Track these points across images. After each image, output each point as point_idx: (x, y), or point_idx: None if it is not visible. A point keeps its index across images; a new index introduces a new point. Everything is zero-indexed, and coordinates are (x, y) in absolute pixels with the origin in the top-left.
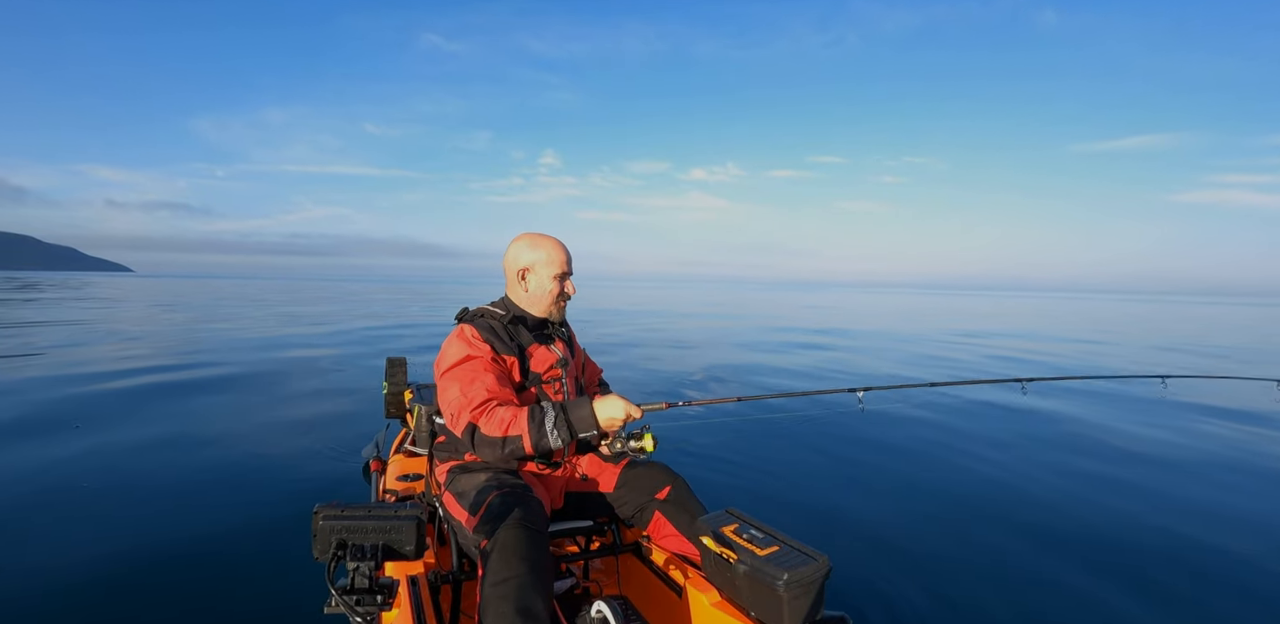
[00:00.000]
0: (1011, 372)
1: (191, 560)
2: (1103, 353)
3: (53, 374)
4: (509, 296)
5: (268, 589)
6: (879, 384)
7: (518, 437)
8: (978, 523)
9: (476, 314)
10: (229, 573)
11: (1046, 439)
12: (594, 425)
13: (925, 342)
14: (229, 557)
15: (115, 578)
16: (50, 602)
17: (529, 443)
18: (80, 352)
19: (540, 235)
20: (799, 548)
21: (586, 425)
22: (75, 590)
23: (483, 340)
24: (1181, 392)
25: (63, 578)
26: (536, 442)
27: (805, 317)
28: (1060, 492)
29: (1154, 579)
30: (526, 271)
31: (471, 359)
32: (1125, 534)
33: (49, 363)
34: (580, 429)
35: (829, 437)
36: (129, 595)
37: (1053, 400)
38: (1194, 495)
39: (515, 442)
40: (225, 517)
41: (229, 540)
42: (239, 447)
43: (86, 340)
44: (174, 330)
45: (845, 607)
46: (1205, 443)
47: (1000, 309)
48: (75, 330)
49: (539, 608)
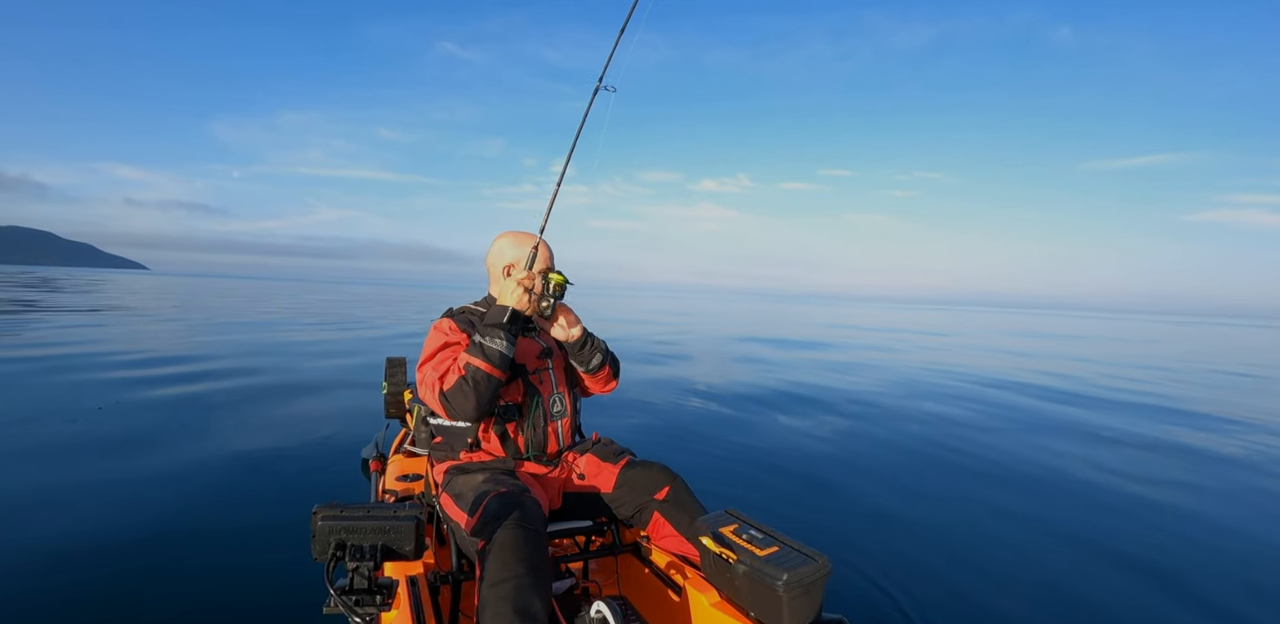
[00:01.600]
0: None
1: (190, 559)
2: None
3: (69, 364)
4: (492, 293)
5: (266, 589)
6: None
7: (467, 364)
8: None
9: (458, 311)
10: (227, 572)
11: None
12: (504, 308)
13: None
14: (227, 556)
15: (114, 577)
16: (50, 601)
17: (479, 361)
18: (94, 346)
19: (523, 233)
20: (799, 549)
21: (499, 313)
22: (75, 590)
23: (459, 330)
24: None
25: (63, 578)
26: (484, 355)
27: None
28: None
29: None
30: (511, 268)
31: (446, 345)
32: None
33: (60, 356)
34: (497, 318)
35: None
36: (127, 594)
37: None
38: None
39: (471, 369)
40: (224, 516)
41: (227, 540)
42: (239, 445)
43: (104, 337)
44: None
45: (844, 609)
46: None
47: (1075, 330)
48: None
49: (538, 608)
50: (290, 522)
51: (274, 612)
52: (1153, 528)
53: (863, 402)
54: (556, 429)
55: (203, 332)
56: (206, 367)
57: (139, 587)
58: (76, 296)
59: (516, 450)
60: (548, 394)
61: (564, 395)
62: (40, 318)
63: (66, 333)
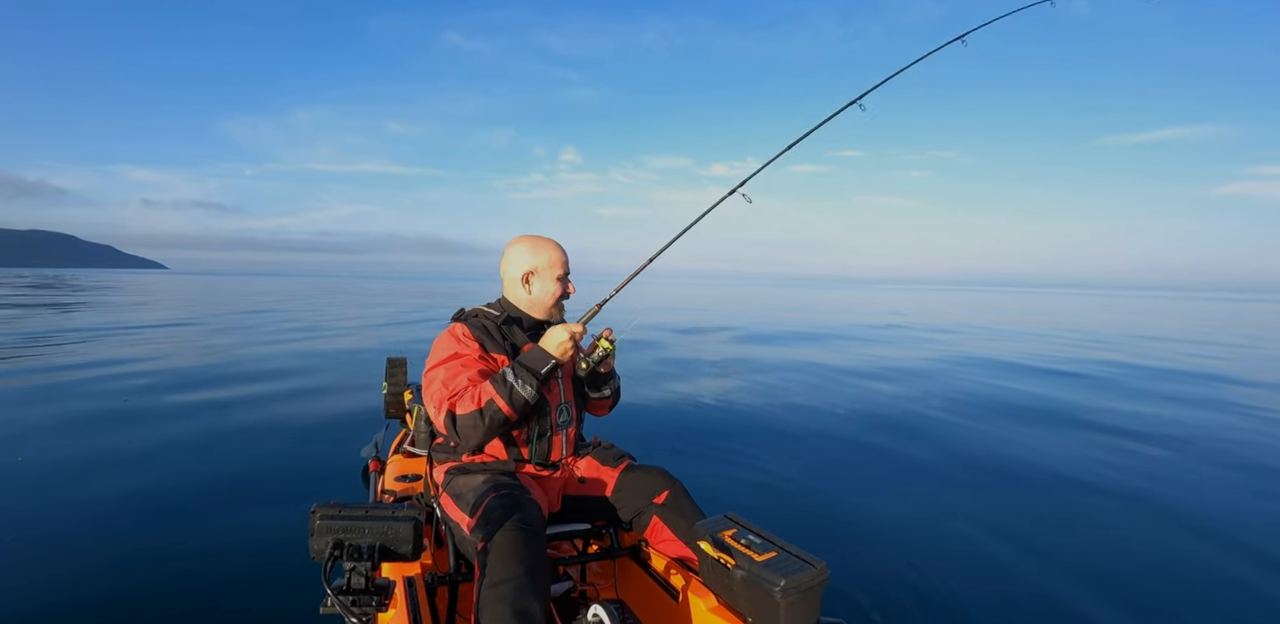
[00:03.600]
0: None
1: (187, 559)
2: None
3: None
4: (507, 298)
5: (262, 588)
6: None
7: (490, 400)
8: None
9: (471, 314)
10: (224, 571)
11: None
12: (549, 357)
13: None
14: (224, 555)
15: (112, 576)
16: (50, 601)
17: (503, 402)
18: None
19: (539, 238)
20: (797, 554)
21: (542, 361)
22: (73, 588)
23: (472, 338)
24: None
25: (62, 577)
26: (510, 397)
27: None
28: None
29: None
30: (531, 276)
31: (457, 356)
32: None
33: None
34: (538, 366)
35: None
36: (124, 593)
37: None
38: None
39: (491, 407)
40: (222, 515)
41: (226, 539)
42: (239, 444)
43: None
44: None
45: (843, 614)
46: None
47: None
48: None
49: (536, 610)
50: (288, 521)
51: (270, 611)
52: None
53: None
54: (562, 438)
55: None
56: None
57: (136, 585)
58: (118, 295)
59: (520, 456)
60: (555, 403)
61: (571, 405)
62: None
63: (126, 345)
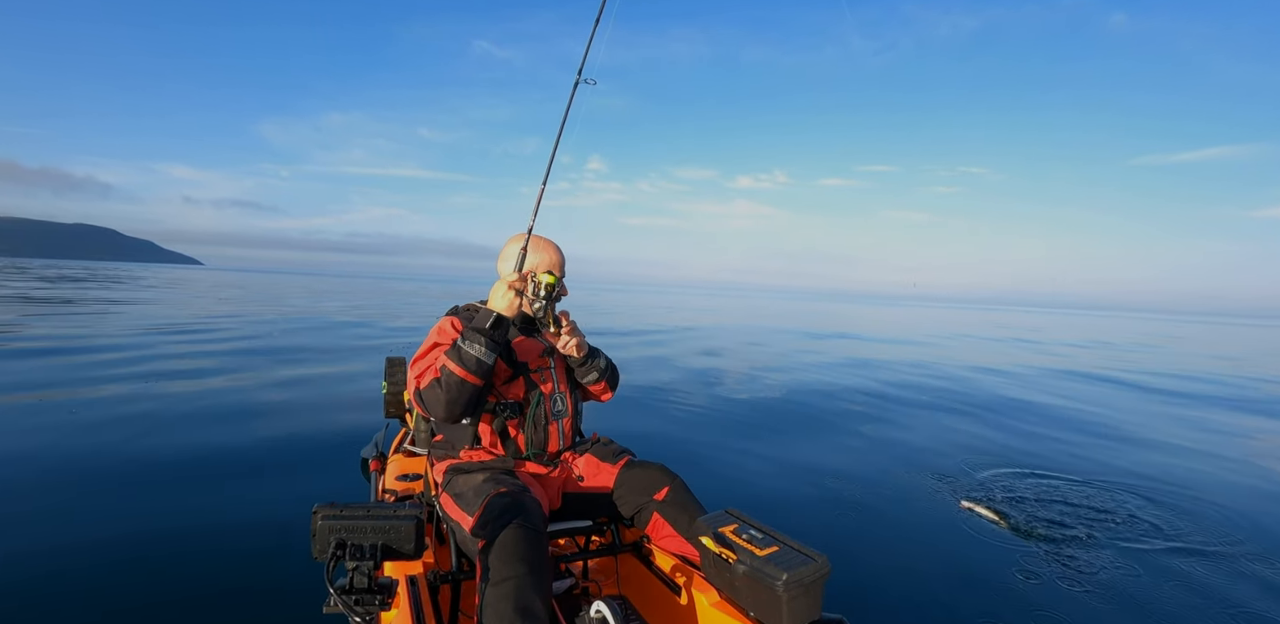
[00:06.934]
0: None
1: (187, 558)
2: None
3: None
4: None
5: (266, 588)
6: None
7: (443, 366)
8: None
9: (462, 308)
10: (227, 572)
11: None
12: (490, 312)
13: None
14: (226, 555)
15: (113, 575)
16: (49, 601)
17: (454, 364)
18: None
19: (536, 238)
20: (798, 548)
21: (484, 318)
22: (73, 588)
23: (458, 330)
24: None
25: (61, 577)
26: (459, 358)
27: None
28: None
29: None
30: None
31: (437, 346)
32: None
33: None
34: (482, 323)
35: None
36: (125, 593)
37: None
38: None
39: (445, 372)
40: (223, 515)
41: (227, 539)
42: (238, 445)
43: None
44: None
45: (843, 609)
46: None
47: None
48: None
49: (538, 608)
50: (290, 521)
51: (274, 610)
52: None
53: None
54: (558, 428)
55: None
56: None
57: (138, 585)
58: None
59: (516, 449)
60: (549, 392)
61: (565, 395)
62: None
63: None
